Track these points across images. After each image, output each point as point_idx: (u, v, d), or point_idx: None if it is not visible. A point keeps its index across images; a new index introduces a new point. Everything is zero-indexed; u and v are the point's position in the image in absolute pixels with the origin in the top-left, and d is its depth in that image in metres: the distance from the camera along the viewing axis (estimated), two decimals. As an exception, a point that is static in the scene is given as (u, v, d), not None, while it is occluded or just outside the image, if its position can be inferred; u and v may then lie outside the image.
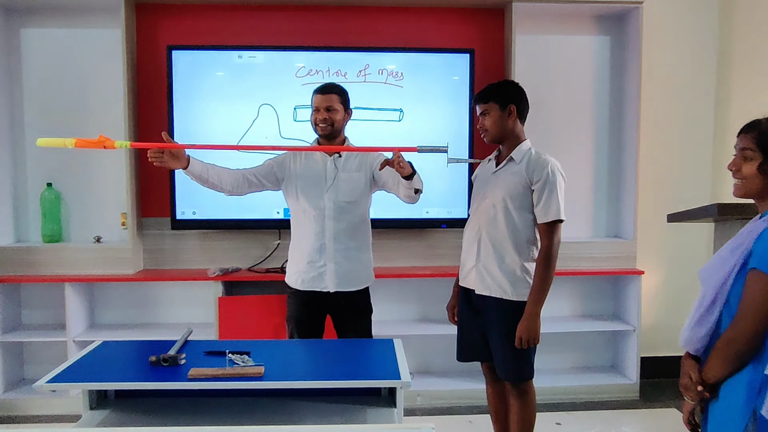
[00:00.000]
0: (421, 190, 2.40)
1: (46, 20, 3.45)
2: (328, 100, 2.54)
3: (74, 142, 2.10)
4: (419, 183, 2.38)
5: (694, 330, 1.54)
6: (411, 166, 2.31)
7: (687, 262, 3.77)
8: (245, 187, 2.55)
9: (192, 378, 1.82)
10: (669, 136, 3.74)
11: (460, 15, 3.60)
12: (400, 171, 2.29)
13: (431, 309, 3.66)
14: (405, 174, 2.30)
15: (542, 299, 2.29)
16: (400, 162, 2.27)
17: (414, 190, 2.37)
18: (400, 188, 2.41)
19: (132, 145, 2.29)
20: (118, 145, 2.16)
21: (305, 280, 2.57)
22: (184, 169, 2.32)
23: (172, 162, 2.27)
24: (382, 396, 2.01)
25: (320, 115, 2.53)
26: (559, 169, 2.32)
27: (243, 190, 2.55)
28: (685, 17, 3.71)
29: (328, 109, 2.53)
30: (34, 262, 3.33)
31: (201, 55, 3.39)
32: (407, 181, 2.33)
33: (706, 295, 1.51)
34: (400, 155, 2.27)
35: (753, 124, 1.58)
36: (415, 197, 2.42)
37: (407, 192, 2.38)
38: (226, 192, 2.52)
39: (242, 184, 2.53)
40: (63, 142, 2.11)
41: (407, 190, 2.37)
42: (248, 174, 2.55)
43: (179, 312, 3.60)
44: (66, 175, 3.51)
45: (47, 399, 3.32)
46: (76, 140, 2.10)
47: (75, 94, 3.48)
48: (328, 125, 2.53)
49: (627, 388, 3.56)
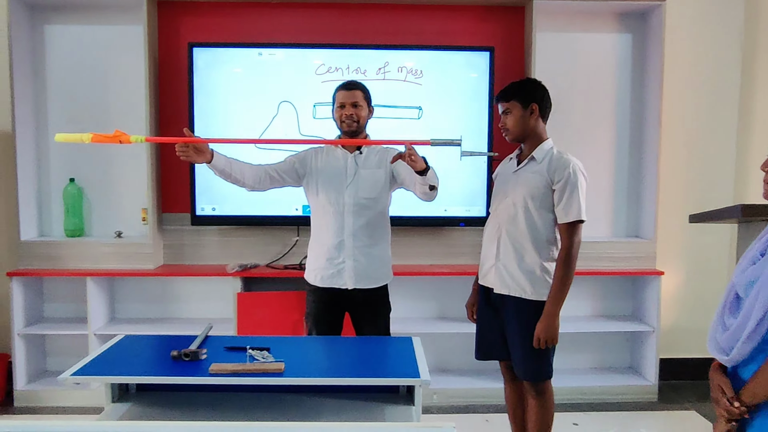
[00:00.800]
0: (436, 186, 2.38)
1: (70, 17, 3.49)
2: (353, 96, 2.55)
3: (91, 137, 2.15)
4: (434, 179, 2.37)
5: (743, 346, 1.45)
6: (425, 161, 2.31)
7: (708, 264, 3.73)
8: (267, 182, 2.56)
9: (213, 373, 1.83)
10: (691, 135, 3.69)
11: (480, 12, 3.58)
12: (412, 165, 2.28)
13: (449, 307, 3.65)
14: (417, 168, 2.30)
15: (562, 299, 2.28)
16: (411, 155, 2.26)
17: (429, 186, 2.35)
18: (416, 185, 2.40)
19: (147, 139, 2.34)
20: (134, 140, 2.21)
21: (324, 276, 2.58)
22: (208, 163, 2.35)
23: (197, 156, 2.31)
24: (400, 394, 2.01)
25: (346, 111, 2.54)
26: (580, 169, 2.30)
27: (265, 185, 2.57)
28: (709, 14, 3.65)
29: (354, 105, 2.54)
30: (56, 256, 3.38)
31: (221, 52, 3.41)
32: (421, 177, 2.33)
33: (756, 308, 1.42)
34: (412, 148, 2.27)
35: None
36: (431, 194, 2.40)
37: (422, 188, 2.37)
38: (248, 187, 2.54)
39: (264, 180, 2.55)
40: (80, 137, 2.17)
41: (422, 186, 2.36)
42: (270, 170, 2.56)
43: (198, 307, 3.64)
44: (88, 170, 3.55)
45: (69, 391, 3.37)
46: (92, 135, 2.16)
47: (98, 90, 3.52)
48: (354, 121, 2.54)
49: (645, 390, 3.53)
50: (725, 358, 1.51)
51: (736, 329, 1.46)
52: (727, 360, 1.51)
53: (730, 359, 1.49)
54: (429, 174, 2.33)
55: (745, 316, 1.44)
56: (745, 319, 1.43)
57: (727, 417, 1.48)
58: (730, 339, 1.48)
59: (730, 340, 1.48)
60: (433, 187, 2.37)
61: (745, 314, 1.44)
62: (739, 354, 1.45)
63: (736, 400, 1.46)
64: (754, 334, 1.41)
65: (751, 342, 1.42)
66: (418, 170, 2.31)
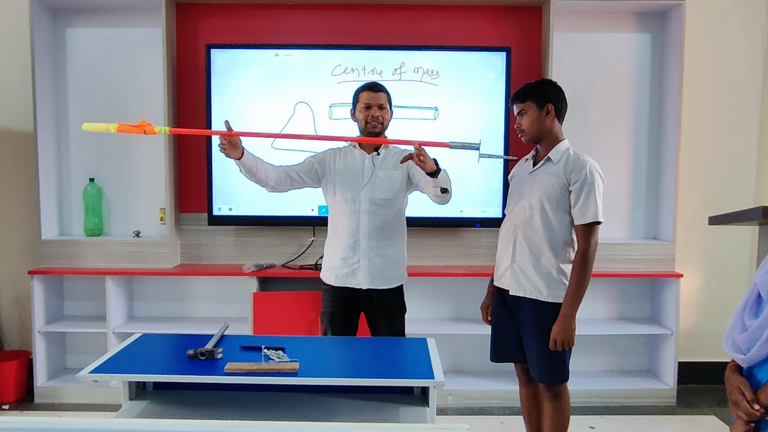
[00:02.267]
0: (448, 189, 2.38)
1: (90, 20, 3.54)
2: (379, 98, 2.57)
3: (117, 126, 2.24)
4: (446, 182, 2.36)
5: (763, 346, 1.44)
6: (436, 163, 2.31)
7: (728, 266, 3.68)
8: (287, 183, 2.59)
9: (229, 372, 1.85)
10: (711, 137, 3.64)
11: (497, 13, 3.57)
12: (421, 166, 2.29)
13: (464, 308, 3.64)
14: (427, 170, 2.30)
15: (578, 302, 2.26)
16: (420, 155, 2.27)
17: (441, 189, 2.35)
18: (428, 187, 2.40)
19: (171, 130, 2.41)
20: (158, 131, 2.28)
21: (339, 276, 2.59)
22: (238, 159, 2.39)
23: (231, 150, 2.35)
24: (414, 395, 2.01)
25: (373, 113, 2.55)
26: (597, 170, 2.28)
27: (285, 186, 2.60)
28: (730, 14, 3.60)
29: (380, 107, 2.56)
30: (76, 255, 3.43)
31: (238, 53, 3.44)
32: (432, 179, 2.33)
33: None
34: (421, 149, 2.27)
35: None
36: (443, 197, 2.40)
37: (434, 191, 2.38)
38: (269, 188, 2.56)
39: (284, 181, 2.58)
40: (106, 126, 2.25)
41: (434, 188, 2.37)
42: (290, 171, 2.59)
43: (214, 306, 3.67)
44: (108, 171, 3.60)
45: (88, 388, 3.41)
46: (118, 125, 2.24)
47: (117, 91, 3.57)
48: (379, 123, 2.56)
49: (663, 393, 3.49)
50: (742, 358, 1.51)
51: (757, 329, 1.45)
52: (744, 360, 1.50)
53: (747, 359, 1.48)
54: (440, 176, 2.33)
55: (766, 317, 1.43)
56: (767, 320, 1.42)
57: (746, 418, 1.47)
58: (749, 339, 1.47)
59: (749, 341, 1.48)
60: (445, 190, 2.37)
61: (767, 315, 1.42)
62: (758, 354, 1.44)
63: (755, 401, 1.45)
64: None
65: None
66: (428, 172, 2.31)
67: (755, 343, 1.45)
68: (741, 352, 1.51)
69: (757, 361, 1.48)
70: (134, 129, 2.26)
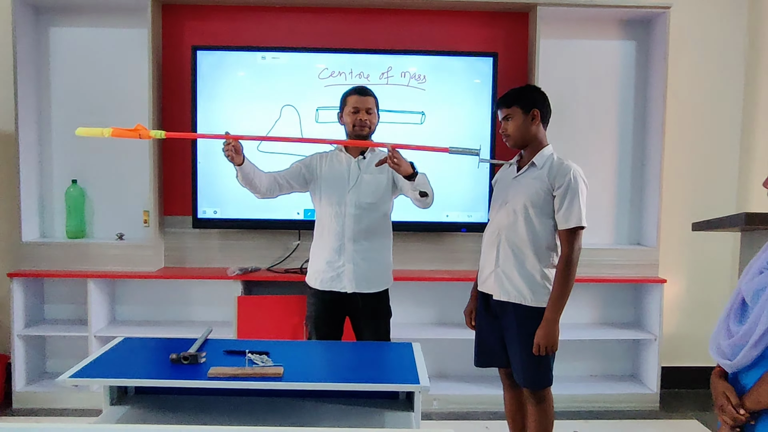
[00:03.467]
0: (427, 193, 2.40)
1: (75, 20, 3.50)
2: (367, 102, 2.58)
3: (111, 131, 2.16)
4: (424, 185, 2.39)
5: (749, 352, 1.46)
6: (412, 166, 2.33)
7: (711, 272, 3.72)
8: (276, 190, 2.59)
9: (212, 377, 1.83)
10: (694, 143, 3.68)
11: (484, 18, 3.58)
12: (395, 168, 2.32)
13: (449, 313, 3.64)
14: (402, 173, 2.33)
15: (561, 306, 2.27)
16: (394, 158, 2.29)
17: (420, 192, 2.37)
18: (408, 191, 2.42)
19: (167, 135, 2.32)
20: (153, 135, 2.22)
21: (324, 279, 2.58)
22: (239, 165, 2.37)
23: (236, 156, 2.33)
24: (399, 400, 2.01)
25: (361, 116, 2.56)
26: (581, 175, 2.29)
27: (275, 193, 2.59)
28: (713, 23, 3.65)
29: (368, 111, 2.57)
30: (58, 258, 3.38)
31: (225, 55, 3.42)
32: (410, 183, 2.35)
33: (765, 316, 1.42)
34: (395, 151, 2.29)
35: None
36: (424, 201, 2.43)
37: (413, 194, 2.40)
38: (260, 195, 2.55)
39: (274, 188, 2.58)
40: (101, 131, 2.17)
41: (413, 192, 2.39)
42: (279, 177, 2.59)
43: (199, 310, 3.63)
44: (90, 172, 3.56)
45: (68, 393, 3.36)
46: (113, 129, 2.17)
47: (101, 92, 3.53)
48: (366, 127, 2.56)
49: (647, 398, 3.51)
50: (728, 363, 1.52)
51: (743, 335, 1.47)
52: (730, 365, 1.52)
53: (733, 364, 1.50)
54: (418, 179, 2.35)
55: (752, 323, 1.45)
56: (753, 326, 1.45)
57: (731, 423, 1.49)
58: (735, 345, 1.49)
59: (735, 347, 1.49)
60: (424, 194, 2.39)
61: (753, 321, 1.45)
62: (744, 360, 1.46)
63: (741, 406, 1.47)
64: (760, 342, 1.42)
65: (756, 349, 1.43)
66: (404, 175, 2.33)
67: (741, 349, 1.47)
68: (726, 358, 1.52)
69: (742, 367, 1.49)
70: (129, 133, 2.19)
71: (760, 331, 1.41)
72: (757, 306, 1.45)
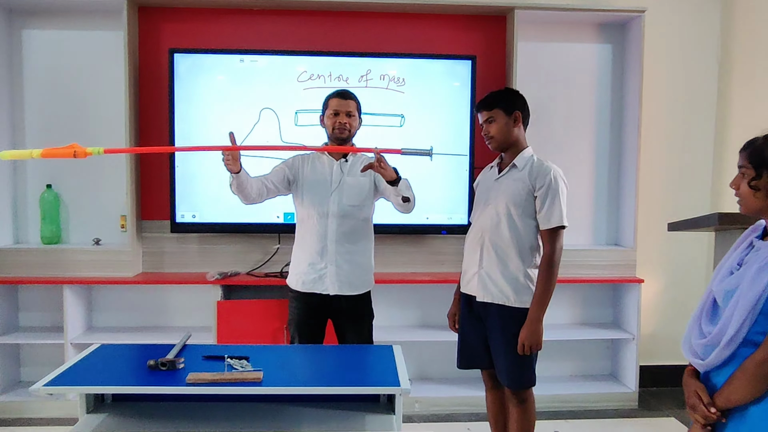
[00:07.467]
0: (409, 199, 2.43)
1: (48, 21, 3.44)
2: (348, 105, 2.58)
3: (41, 152, 2.00)
4: (407, 191, 2.42)
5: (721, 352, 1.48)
6: (396, 172, 2.36)
7: (687, 271, 3.77)
8: (264, 194, 2.57)
9: (190, 383, 1.81)
10: (669, 145, 3.74)
11: (462, 21, 3.60)
12: (382, 173, 2.34)
13: (431, 315, 3.65)
14: (387, 178, 2.36)
15: (545, 305, 2.29)
16: (381, 163, 2.32)
17: (402, 198, 2.40)
18: (391, 196, 2.43)
19: (105, 151, 2.16)
20: (90, 152, 2.06)
21: (306, 282, 2.58)
22: (235, 174, 2.35)
23: (234, 165, 2.31)
24: (380, 402, 2.00)
25: (341, 119, 2.56)
26: (561, 175, 2.32)
27: (263, 197, 2.58)
28: (687, 27, 3.72)
29: (348, 114, 2.57)
30: (32, 264, 3.31)
31: (203, 58, 3.39)
32: (393, 188, 2.38)
33: (735, 317, 1.45)
34: (382, 157, 2.32)
35: (749, 141, 1.56)
36: (406, 206, 2.45)
37: (396, 199, 2.43)
38: (249, 201, 2.53)
39: (263, 192, 2.56)
40: (29, 153, 2.02)
41: (395, 197, 2.42)
42: (266, 182, 2.57)
43: (178, 315, 3.59)
44: (66, 176, 3.49)
45: (44, 402, 3.29)
46: (43, 150, 2.00)
47: (76, 95, 3.47)
48: (347, 130, 2.56)
49: (626, 397, 3.55)
50: (700, 363, 1.55)
51: (715, 336, 1.49)
52: (702, 365, 1.54)
53: (705, 364, 1.53)
54: (400, 185, 2.38)
55: (724, 324, 1.47)
56: (724, 327, 1.47)
57: (703, 422, 1.51)
58: (707, 345, 1.52)
59: (707, 347, 1.52)
60: (407, 199, 2.42)
61: (725, 322, 1.47)
62: (716, 360, 1.49)
63: (712, 405, 1.49)
64: (731, 343, 1.45)
65: (728, 349, 1.46)
66: (388, 180, 2.36)
67: (713, 349, 1.49)
68: (699, 357, 1.55)
69: (713, 366, 1.52)
70: (63, 152, 2.02)
71: (732, 332, 1.44)
72: (728, 307, 1.48)
